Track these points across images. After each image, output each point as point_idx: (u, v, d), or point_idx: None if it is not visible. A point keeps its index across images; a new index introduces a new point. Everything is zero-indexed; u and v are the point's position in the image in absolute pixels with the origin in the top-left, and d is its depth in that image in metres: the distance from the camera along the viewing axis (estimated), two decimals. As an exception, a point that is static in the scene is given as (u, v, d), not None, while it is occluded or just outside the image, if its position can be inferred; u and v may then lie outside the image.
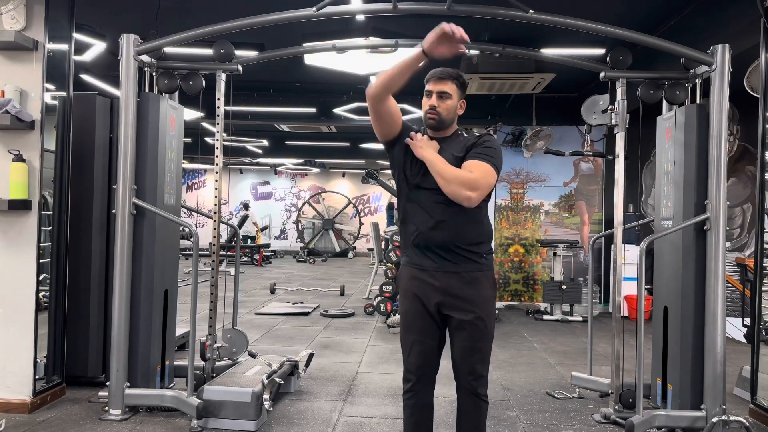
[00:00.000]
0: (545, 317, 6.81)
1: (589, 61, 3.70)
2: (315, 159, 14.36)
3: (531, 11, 3.11)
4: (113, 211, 3.33)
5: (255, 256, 13.81)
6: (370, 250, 13.90)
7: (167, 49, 3.48)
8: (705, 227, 3.20)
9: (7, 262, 3.34)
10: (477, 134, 2.31)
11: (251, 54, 3.96)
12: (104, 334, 3.75)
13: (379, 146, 12.81)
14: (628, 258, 5.59)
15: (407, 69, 2.09)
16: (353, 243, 17.59)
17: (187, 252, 11.54)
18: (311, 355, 4.06)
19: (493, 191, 2.32)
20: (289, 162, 15.97)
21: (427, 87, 2.27)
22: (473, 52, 5.24)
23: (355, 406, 3.58)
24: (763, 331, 3.62)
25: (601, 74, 3.47)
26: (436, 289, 2.22)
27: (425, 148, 2.22)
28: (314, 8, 3.16)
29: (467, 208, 2.18)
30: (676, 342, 3.31)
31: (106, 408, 3.26)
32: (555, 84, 6.26)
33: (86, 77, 6.44)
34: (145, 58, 3.38)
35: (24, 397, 3.29)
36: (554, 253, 7.09)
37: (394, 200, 13.29)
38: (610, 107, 3.44)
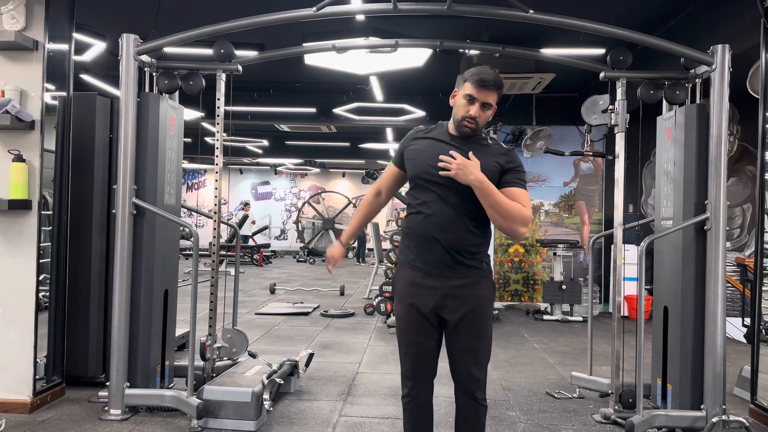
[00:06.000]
0: (545, 317, 6.81)
1: (589, 61, 3.70)
2: (315, 159, 14.37)
3: (531, 11, 3.11)
4: (113, 211, 3.33)
5: (255, 256, 13.81)
6: (370, 250, 13.89)
7: (167, 49, 3.47)
8: (705, 227, 3.20)
9: (7, 262, 3.34)
10: (501, 145, 2.22)
11: (251, 54, 3.96)
12: (104, 334, 3.75)
13: (379, 146, 12.82)
14: (628, 258, 5.58)
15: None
16: (353, 243, 17.58)
17: (187, 252, 11.54)
18: (311, 355, 4.06)
19: None
20: (289, 162, 15.98)
21: (469, 91, 2.09)
22: (473, 52, 5.25)
23: (355, 406, 3.58)
24: (763, 331, 3.62)
25: (601, 74, 3.46)
26: (436, 292, 2.14)
27: (475, 173, 2.03)
28: (314, 8, 3.16)
29: (477, 213, 2.12)
30: (676, 342, 3.31)
31: (106, 408, 3.26)
32: (555, 84, 6.26)
33: (86, 77, 6.45)
34: (145, 58, 3.38)
35: (24, 397, 3.29)
36: (554, 253, 7.09)
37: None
38: (610, 107, 3.44)
